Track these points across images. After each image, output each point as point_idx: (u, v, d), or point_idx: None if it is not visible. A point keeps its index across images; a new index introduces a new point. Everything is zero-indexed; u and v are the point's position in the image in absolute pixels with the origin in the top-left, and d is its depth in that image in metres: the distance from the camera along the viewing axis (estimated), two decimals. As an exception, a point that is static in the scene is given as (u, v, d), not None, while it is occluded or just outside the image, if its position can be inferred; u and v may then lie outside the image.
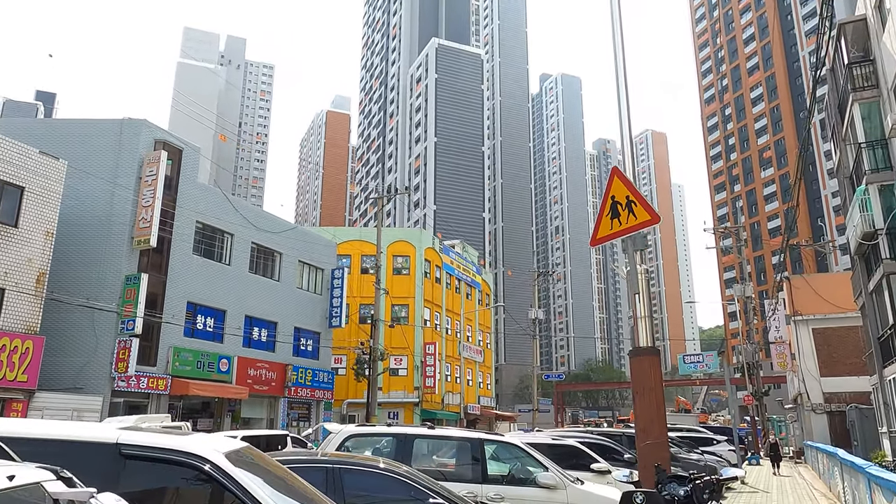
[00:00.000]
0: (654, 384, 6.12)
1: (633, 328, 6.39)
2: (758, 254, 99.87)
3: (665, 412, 6.14)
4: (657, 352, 6.23)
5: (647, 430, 6.03)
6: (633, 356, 6.29)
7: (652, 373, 6.15)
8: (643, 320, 6.32)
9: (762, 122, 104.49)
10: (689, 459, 16.93)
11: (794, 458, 36.27)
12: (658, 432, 6.00)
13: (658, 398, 6.10)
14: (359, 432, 8.93)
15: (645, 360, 6.19)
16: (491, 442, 9.01)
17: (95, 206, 23.97)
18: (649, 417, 6.05)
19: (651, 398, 6.09)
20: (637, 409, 6.16)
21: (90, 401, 21.94)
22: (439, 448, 9.14)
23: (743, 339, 32.86)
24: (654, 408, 6.06)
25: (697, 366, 20.52)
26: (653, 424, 6.03)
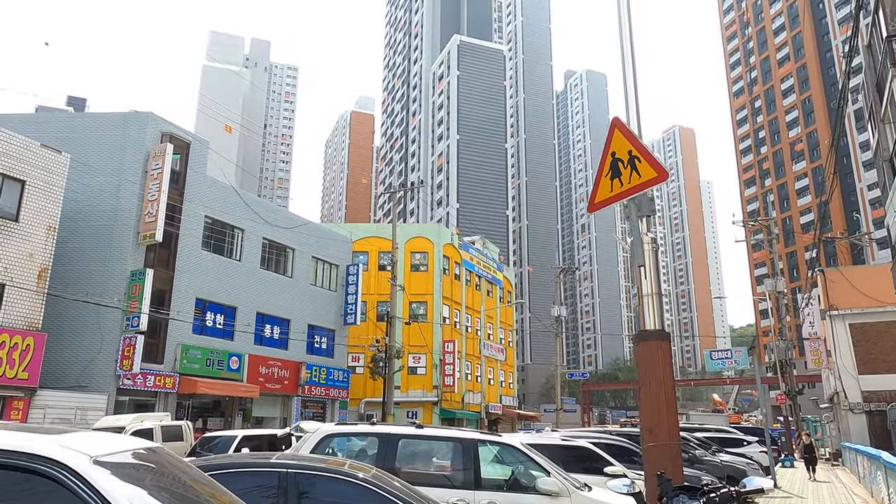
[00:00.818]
0: (663, 374, 5.09)
1: (639, 308, 5.39)
2: (790, 249, 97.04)
3: (676, 408, 5.11)
4: (666, 336, 5.21)
5: (654, 431, 5.01)
6: (637, 341, 5.27)
7: (660, 361, 5.13)
8: (650, 298, 5.30)
9: (793, 114, 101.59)
10: (713, 462, 15.73)
11: (830, 459, 34.58)
12: (667, 433, 4.97)
13: (667, 392, 5.07)
14: (337, 432, 8.02)
15: (652, 346, 5.17)
16: (486, 443, 8.03)
17: (101, 201, 23.49)
18: (656, 415, 5.03)
19: (658, 391, 5.07)
20: (642, 405, 5.15)
21: (94, 399, 21.44)
22: (428, 449, 8.20)
23: (775, 335, 31.33)
24: (662, 403, 5.04)
25: (725, 362, 19.27)
26: (660, 423, 5.00)
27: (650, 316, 5.28)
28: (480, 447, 7.96)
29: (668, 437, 4.97)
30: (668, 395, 5.06)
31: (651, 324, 5.26)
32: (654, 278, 5.34)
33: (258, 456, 6.26)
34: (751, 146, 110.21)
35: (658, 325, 5.25)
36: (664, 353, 5.16)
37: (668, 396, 5.06)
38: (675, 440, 4.98)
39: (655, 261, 5.39)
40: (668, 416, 5.02)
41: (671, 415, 5.03)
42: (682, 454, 5.22)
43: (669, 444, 4.95)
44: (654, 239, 5.43)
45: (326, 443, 7.89)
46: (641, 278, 5.38)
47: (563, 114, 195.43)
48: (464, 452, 7.86)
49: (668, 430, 4.99)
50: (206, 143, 26.63)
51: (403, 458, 7.88)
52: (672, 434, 4.99)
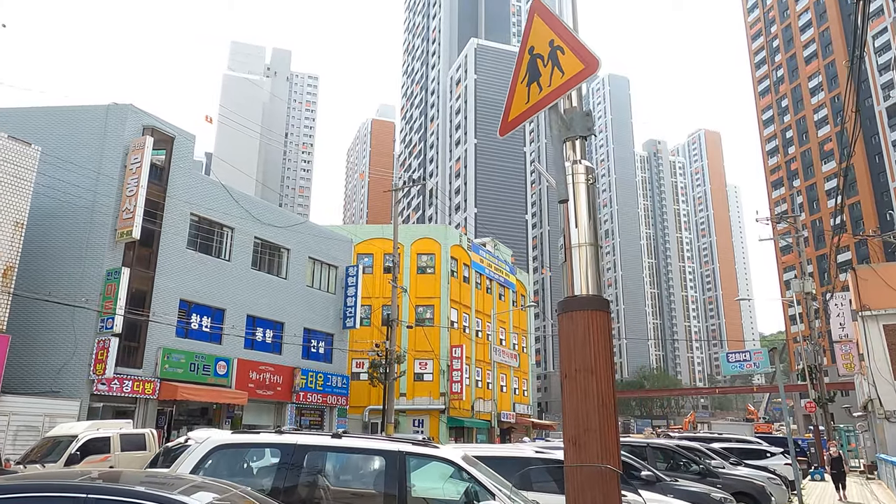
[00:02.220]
0: (596, 361, 3.45)
1: (564, 267, 3.75)
2: (820, 252, 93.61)
3: (615, 410, 3.46)
4: (603, 305, 3.57)
5: (581, 444, 3.37)
6: (560, 312, 3.63)
7: (592, 341, 3.49)
8: (580, 251, 3.67)
9: (822, 112, 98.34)
10: (729, 475, 13.87)
11: (864, 472, 32.15)
12: (599, 448, 3.33)
13: (602, 386, 3.43)
14: (229, 442, 6.45)
15: (580, 320, 3.53)
16: (418, 457, 6.41)
17: (78, 198, 22.35)
18: (583, 420, 3.39)
19: (588, 385, 3.43)
20: (565, 405, 3.51)
21: (66, 405, 20.19)
22: (345, 465, 6.59)
23: (806, 333, 29.09)
24: (593, 403, 3.40)
25: (744, 365, 17.40)
26: (590, 434, 3.36)
27: (580, 276, 3.65)
28: (411, 462, 6.35)
29: (600, 454, 3.32)
30: (602, 392, 3.42)
31: (581, 287, 3.62)
32: (586, 223, 3.71)
33: (59, 475, 4.72)
34: (778, 147, 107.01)
35: (591, 289, 3.62)
36: (599, 329, 3.52)
37: (604, 393, 3.42)
38: (611, 459, 3.32)
39: (589, 199, 3.76)
40: (603, 422, 3.37)
41: (607, 421, 3.38)
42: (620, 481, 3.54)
43: (602, 466, 3.30)
44: (589, 169, 3.80)
45: (216, 456, 6.34)
46: (569, 223, 3.74)
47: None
48: (388, 469, 6.26)
49: (602, 445, 3.34)
50: (192, 138, 25.43)
51: (312, 476, 6.29)
52: (608, 450, 3.34)
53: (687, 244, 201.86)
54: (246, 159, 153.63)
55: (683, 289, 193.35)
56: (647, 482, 11.04)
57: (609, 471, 3.32)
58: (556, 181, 3.70)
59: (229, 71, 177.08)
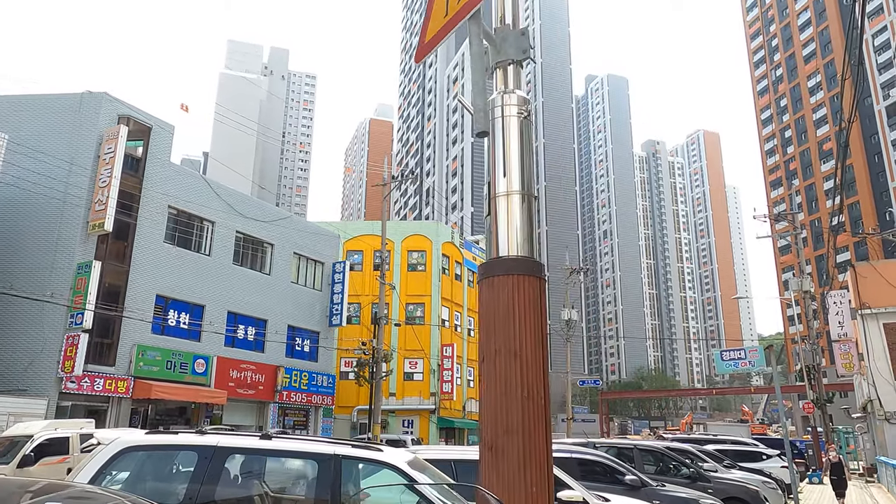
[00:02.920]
0: (521, 341, 2.66)
1: (488, 221, 2.95)
2: (819, 253, 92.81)
3: (547, 406, 2.65)
4: (536, 268, 2.77)
5: (499, 449, 2.56)
6: (482, 278, 2.82)
7: (518, 314, 2.69)
8: (509, 201, 2.87)
9: (821, 111, 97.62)
10: (721, 479, 13.06)
11: (864, 475, 31.36)
12: (525, 454, 2.53)
13: (531, 373, 2.63)
14: (139, 444, 5.64)
15: (502, 287, 2.74)
16: (355, 461, 5.61)
17: (50, 188, 21.51)
18: (504, 417, 2.59)
19: (511, 371, 2.63)
20: (482, 397, 2.71)
21: (32, 404, 19.36)
22: (272, 470, 5.78)
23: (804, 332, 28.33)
24: (516, 396, 2.60)
25: (738, 363, 16.63)
26: (512, 435, 2.56)
27: (506, 233, 2.85)
28: (346, 467, 5.55)
29: (523, 462, 2.52)
30: (529, 381, 2.62)
31: (507, 246, 2.82)
32: (517, 166, 2.91)
33: None
34: (777, 146, 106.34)
35: (520, 249, 2.81)
36: (528, 299, 2.71)
37: (531, 382, 2.62)
38: (536, 470, 2.52)
39: (522, 138, 2.96)
40: (529, 421, 2.57)
41: (535, 419, 2.58)
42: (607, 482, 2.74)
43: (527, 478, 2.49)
44: (523, 101, 3.00)
45: (125, 459, 5.54)
46: (494, 166, 2.94)
47: (584, 118, 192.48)
48: (320, 474, 5.46)
49: (527, 450, 2.53)
50: (171, 129, 24.60)
51: (232, 483, 5.49)
52: (533, 457, 2.53)
53: (686, 245, 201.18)
54: (243, 158, 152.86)
55: (682, 290, 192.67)
56: (631, 487, 10.24)
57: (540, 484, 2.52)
58: (474, 109, 2.90)
59: (226, 70, 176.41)
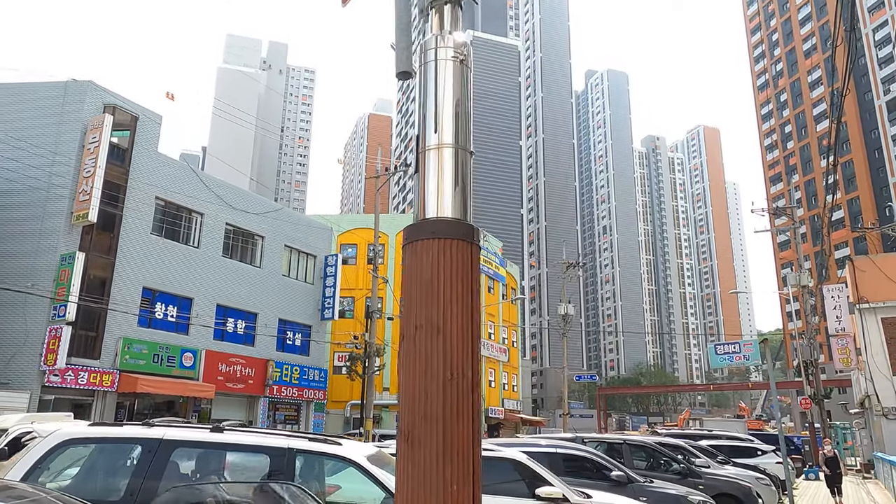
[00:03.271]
0: (447, 313, 2.28)
1: (416, 178, 2.58)
2: (818, 248, 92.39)
3: (474, 390, 2.28)
4: (468, 232, 2.40)
5: (416, 439, 2.19)
6: (406, 242, 2.45)
7: (443, 283, 2.32)
8: (439, 155, 2.49)
9: (821, 106, 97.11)
10: (712, 475, 12.71)
11: (861, 471, 31.06)
12: (446, 446, 2.16)
13: (457, 352, 2.27)
14: (80, 435, 5.28)
15: (427, 252, 2.36)
16: (310, 455, 5.26)
17: (33, 179, 21.13)
18: (423, 402, 2.22)
19: (433, 349, 2.26)
20: (400, 379, 2.34)
21: (14, 397, 19.01)
22: (222, 464, 5.43)
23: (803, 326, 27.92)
24: (437, 377, 2.23)
25: (732, 357, 16.29)
26: (431, 423, 2.19)
27: (435, 191, 2.47)
28: (301, 461, 5.20)
29: (441, 454, 2.15)
30: (454, 361, 2.25)
31: (435, 207, 2.45)
32: (450, 116, 2.53)
33: None
34: (776, 142, 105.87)
35: (450, 209, 2.44)
36: (456, 267, 2.34)
37: (455, 363, 2.25)
38: (459, 463, 2.15)
39: (462, 86, 2.58)
40: (452, 407, 2.21)
41: (459, 406, 2.21)
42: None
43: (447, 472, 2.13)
44: (461, 45, 2.62)
45: (65, 452, 5.18)
46: (424, 114, 2.57)
47: (583, 114, 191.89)
48: (272, 469, 5.10)
49: (448, 441, 2.17)
50: (158, 118, 24.20)
51: (177, 478, 5.13)
52: (456, 449, 2.17)
53: (685, 241, 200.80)
54: (241, 153, 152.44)
55: (681, 285, 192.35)
56: (617, 483, 9.89)
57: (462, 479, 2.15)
58: (397, 47, 2.52)
59: (224, 64, 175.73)
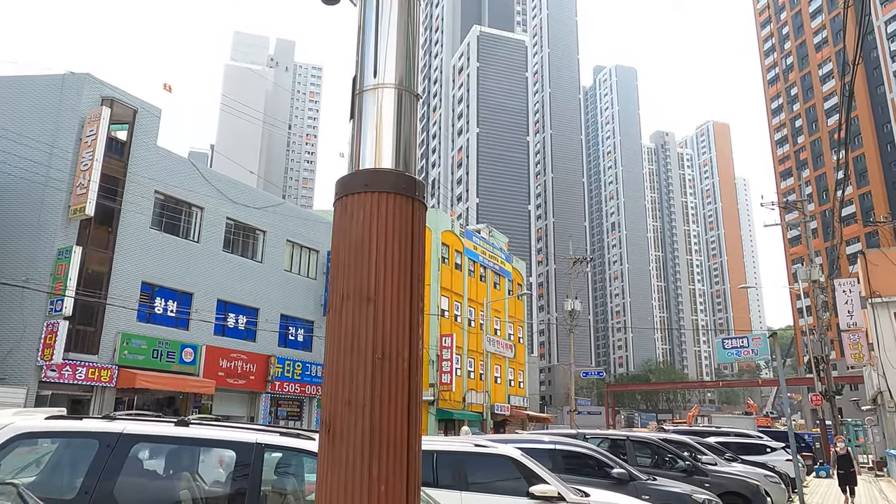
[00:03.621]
0: (379, 281, 1.90)
1: (351, 127, 2.21)
2: (829, 244, 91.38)
3: (414, 373, 1.90)
4: (409, 186, 2.01)
5: (338, 430, 1.81)
6: (337, 197, 2.07)
7: (376, 245, 1.93)
8: (377, 97, 2.11)
9: (833, 100, 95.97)
10: (719, 473, 12.29)
11: (873, 469, 30.49)
12: (372, 438, 1.77)
13: (390, 326, 1.88)
14: (35, 430, 4.94)
15: (359, 208, 1.98)
16: (280, 451, 4.90)
17: (31, 173, 20.90)
18: (347, 385, 1.84)
19: (361, 323, 1.88)
20: (325, 360, 1.96)
21: (11, 393, 18.79)
22: (186, 460, 5.08)
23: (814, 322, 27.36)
24: (362, 356, 1.85)
25: (741, 352, 15.84)
26: (356, 410, 1.81)
27: (373, 139, 2.09)
28: (269, 457, 4.84)
29: (366, 448, 1.78)
30: (385, 336, 1.87)
31: (374, 158, 2.06)
32: (392, 50, 2.15)
33: None
34: (787, 136, 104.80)
35: (389, 160, 2.06)
36: (395, 226, 1.96)
37: (390, 338, 1.87)
38: (391, 459, 1.77)
39: (403, 13, 2.19)
40: (382, 391, 1.83)
41: (392, 390, 1.84)
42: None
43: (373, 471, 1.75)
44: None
45: (18, 447, 4.84)
46: (361, 49, 2.18)
47: (591, 109, 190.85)
48: (238, 465, 4.75)
49: (374, 433, 1.79)
50: (157, 112, 23.93)
51: (136, 475, 4.79)
52: (384, 442, 1.79)
53: (695, 237, 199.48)
54: (249, 151, 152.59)
55: (691, 282, 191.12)
56: (619, 481, 9.51)
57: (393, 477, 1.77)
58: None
59: (232, 61, 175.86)
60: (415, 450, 1.83)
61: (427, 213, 15.02)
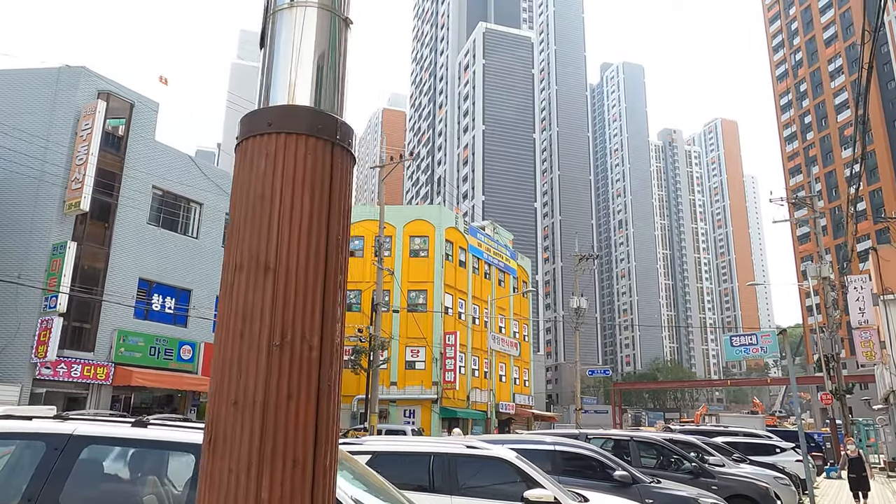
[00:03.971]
0: (283, 245, 1.46)
1: (262, 56, 1.80)
2: (839, 241, 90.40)
3: (328, 361, 1.48)
4: (326, 125, 1.58)
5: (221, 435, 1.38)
6: (238, 141, 1.63)
7: (281, 198, 1.50)
8: (293, 19, 1.68)
9: (842, 96, 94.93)
10: (727, 475, 11.81)
11: (885, 469, 29.90)
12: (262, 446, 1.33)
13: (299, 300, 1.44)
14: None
15: (259, 152, 1.54)
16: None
17: (25, 167, 20.60)
18: (237, 377, 1.40)
19: (257, 298, 1.43)
20: (215, 347, 1.52)
21: (5, 390, 18.50)
22: (142, 464, 4.67)
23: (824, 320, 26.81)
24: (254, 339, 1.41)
25: (749, 349, 15.33)
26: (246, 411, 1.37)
27: (287, 70, 1.65)
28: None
29: (255, 451, 1.34)
30: (287, 316, 1.43)
31: (287, 94, 1.63)
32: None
33: None
34: (796, 133, 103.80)
35: (304, 96, 1.62)
36: (300, 176, 1.53)
37: (294, 319, 1.43)
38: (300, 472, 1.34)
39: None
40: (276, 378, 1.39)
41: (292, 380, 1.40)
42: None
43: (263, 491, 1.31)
44: None
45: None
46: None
47: (598, 107, 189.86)
48: (196, 470, 4.34)
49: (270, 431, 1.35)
50: (155, 106, 23.60)
51: (86, 480, 4.38)
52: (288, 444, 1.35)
53: (702, 235, 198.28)
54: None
55: (699, 280, 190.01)
56: (621, 484, 9.05)
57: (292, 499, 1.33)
58: None
59: (238, 59, 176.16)
60: (324, 465, 1.41)
61: (430, 210, 14.45)
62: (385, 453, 6.99)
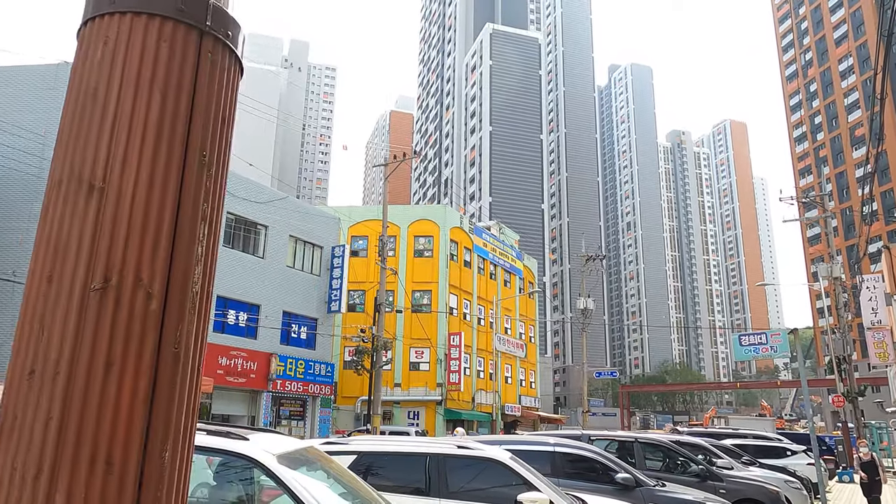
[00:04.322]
0: (118, 156, 1.06)
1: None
2: (850, 243, 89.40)
3: (187, 315, 1.08)
4: (199, 10, 1.18)
5: (8, 421, 0.97)
6: (85, 19, 1.24)
7: (118, 96, 1.09)
8: None
9: (853, 96, 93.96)
10: (735, 478, 11.34)
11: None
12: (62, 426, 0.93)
13: (132, 235, 1.02)
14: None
15: (96, 40, 1.14)
16: (206, 453, 4.08)
17: (24, 164, 20.38)
18: (38, 335, 1.00)
19: (75, 219, 1.03)
20: (24, 292, 1.12)
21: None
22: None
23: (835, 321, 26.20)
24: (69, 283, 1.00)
25: (759, 349, 14.88)
26: (45, 380, 0.97)
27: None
28: (196, 462, 4.01)
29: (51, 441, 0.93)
30: (114, 250, 1.03)
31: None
32: None
33: None
34: (806, 133, 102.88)
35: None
36: (157, 66, 1.12)
37: (126, 254, 1.03)
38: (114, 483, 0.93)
39: None
40: (93, 336, 0.99)
41: (116, 339, 0.99)
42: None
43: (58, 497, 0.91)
44: None
45: None
46: None
47: (606, 108, 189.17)
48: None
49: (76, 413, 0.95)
50: (155, 102, 23.32)
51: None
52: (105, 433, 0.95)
53: (711, 237, 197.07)
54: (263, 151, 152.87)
55: (707, 282, 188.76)
56: (623, 487, 8.62)
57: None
58: None
59: (246, 62, 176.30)
60: (158, 470, 1.00)
61: (435, 210, 13.80)
62: (370, 453, 6.61)
